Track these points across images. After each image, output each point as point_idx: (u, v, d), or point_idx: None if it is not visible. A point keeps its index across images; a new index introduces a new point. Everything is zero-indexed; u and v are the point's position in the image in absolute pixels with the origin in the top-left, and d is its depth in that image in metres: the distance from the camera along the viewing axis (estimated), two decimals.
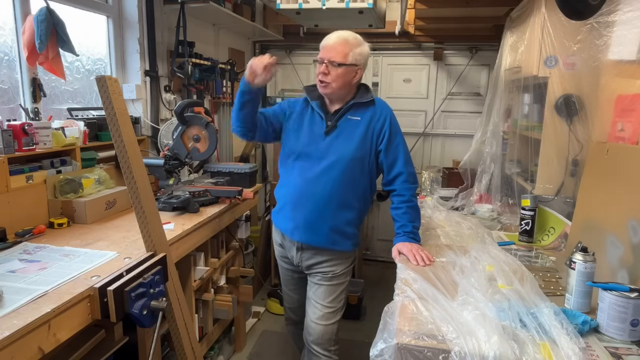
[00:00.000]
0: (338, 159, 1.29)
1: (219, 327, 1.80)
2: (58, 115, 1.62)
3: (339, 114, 1.32)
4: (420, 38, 2.87)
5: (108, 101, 1.02)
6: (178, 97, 2.17)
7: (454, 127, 2.98)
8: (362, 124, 1.31)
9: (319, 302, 1.36)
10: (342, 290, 1.39)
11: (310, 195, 1.31)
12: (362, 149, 1.30)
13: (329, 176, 1.29)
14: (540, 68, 1.47)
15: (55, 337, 0.83)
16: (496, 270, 1.05)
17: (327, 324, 1.36)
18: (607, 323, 0.84)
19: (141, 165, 1.11)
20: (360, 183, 1.33)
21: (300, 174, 1.33)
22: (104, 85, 1.01)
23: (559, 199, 1.47)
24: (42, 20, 1.35)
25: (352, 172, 1.30)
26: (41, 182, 1.35)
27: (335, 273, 1.36)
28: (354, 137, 1.30)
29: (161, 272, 1.06)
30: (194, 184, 1.79)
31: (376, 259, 3.21)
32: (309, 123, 1.35)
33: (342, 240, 1.34)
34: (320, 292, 1.37)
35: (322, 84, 1.29)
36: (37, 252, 1.11)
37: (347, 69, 1.27)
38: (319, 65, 1.29)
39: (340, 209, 1.32)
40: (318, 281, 1.38)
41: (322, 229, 1.32)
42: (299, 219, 1.33)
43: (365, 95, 1.34)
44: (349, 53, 1.27)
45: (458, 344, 0.77)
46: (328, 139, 1.31)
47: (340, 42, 1.27)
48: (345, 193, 1.31)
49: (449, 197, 1.94)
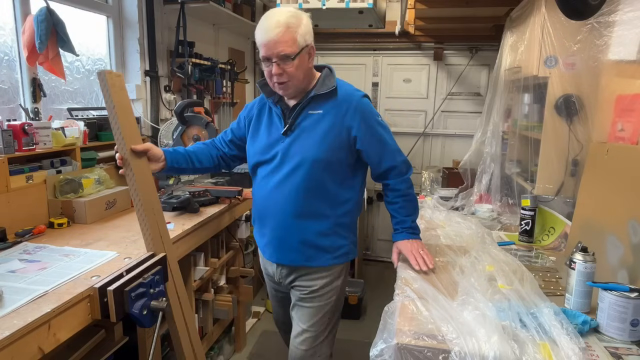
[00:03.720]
0: (299, 163, 1.10)
1: (219, 327, 1.80)
2: (58, 115, 1.62)
3: (296, 111, 1.11)
4: (420, 38, 2.87)
5: (108, 95, 1.01)
6: (178, 97, 2.17)
7: (454, 127, 2.98)
8: (326, 119, 1.10)
9: (299, 325, 1.20)
10: (327, 311, 1.19)
11: (272, 207, 1.15)
12: (329, 149, 1.09)
13: (290, 183, 1.11)
14: (540, 68, 1.47)
15: (55, 337, 0.83)
16: (496, 270, 1.05)
17: (306, 349, 1.18)
18: (607, 323, 0.84)
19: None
20: (331, 188, 1.13)
21: (262, 184, 1.17)
22: (103, 79, 1.00)
23: (559, 199, 1.47)
24: (42, 20, 1.35)
25: (318, 176, 1.10)
26: (41, 182, 1.35)
27: (313, 289, 1.17)
28: (316, 136, 1.09)
29: (161, 272, 1.06)
30: (193, 183, 1.79)
31: (376, 259, 3.21)
32: (266, 126, 1.17)
33: (317, 254, 1.15)
34: (301, 313, 1.20)
35: (280, 86, 1.07)
36: (37, 252, 1.11)
37: (301, 56, 1.05)
38: (266, 65, 1.06)
39: (307, 218, 1.13)
40: (297, 301, 1.21)
41: (291, 244, 1.15)
42: (267, 235, 1.19)
43: (326, 83, 1.11)
44: (296, 38, 1.03)
45: (458, 344, 0.77)
46: (287, 140, 1.12)
47: (283, 31, 1.02)
48: (311, 201, 1.12)
49: (449, 197, 1.94)
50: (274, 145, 1.14)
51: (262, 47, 1.05)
